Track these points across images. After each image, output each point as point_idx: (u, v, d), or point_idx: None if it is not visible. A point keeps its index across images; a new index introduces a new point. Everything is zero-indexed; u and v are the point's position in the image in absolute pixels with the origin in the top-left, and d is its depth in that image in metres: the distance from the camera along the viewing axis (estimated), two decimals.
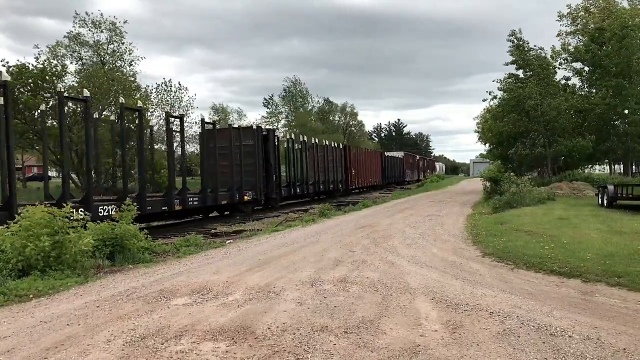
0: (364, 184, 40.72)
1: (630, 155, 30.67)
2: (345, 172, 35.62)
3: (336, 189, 33.32)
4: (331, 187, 32.27)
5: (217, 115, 65.60)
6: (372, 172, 43.08)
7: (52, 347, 4.88)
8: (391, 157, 54.94)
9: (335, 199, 31.25)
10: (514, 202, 18.43)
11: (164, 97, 38.80)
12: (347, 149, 37.15)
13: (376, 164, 45.51)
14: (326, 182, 31.48)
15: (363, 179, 40.13)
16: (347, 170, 35.93)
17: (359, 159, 39.91)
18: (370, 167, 42.68)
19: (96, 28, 36.36)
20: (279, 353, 4.59)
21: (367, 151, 45.30)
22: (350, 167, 36.46)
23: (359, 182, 39.10)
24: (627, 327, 5.17)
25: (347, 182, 35.94)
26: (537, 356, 4.42)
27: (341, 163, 34.86)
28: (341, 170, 34.67)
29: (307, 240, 12.00)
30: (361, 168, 39.85)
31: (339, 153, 34.85)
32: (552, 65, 30.31)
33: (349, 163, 36.40)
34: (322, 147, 31.73)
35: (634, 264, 7.73)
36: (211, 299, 6.56)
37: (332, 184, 32.49)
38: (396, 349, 4.63)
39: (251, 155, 22.35)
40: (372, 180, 43.24)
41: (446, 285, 7.07)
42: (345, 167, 35.74)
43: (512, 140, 29.68)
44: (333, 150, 33.42)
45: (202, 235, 13.86)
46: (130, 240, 9.92)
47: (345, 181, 35.74)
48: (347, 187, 35.95)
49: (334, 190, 32.97)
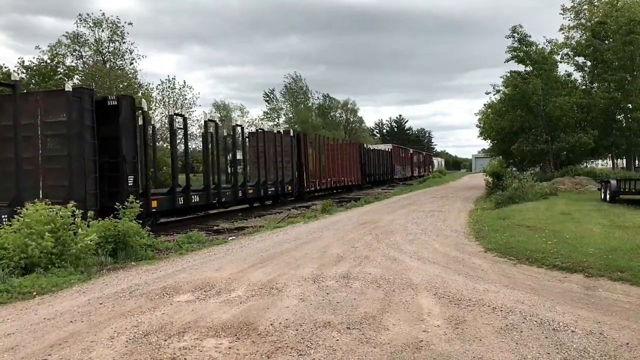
0: (333, 184, 32.11)
1: (633, 150, 30.56)
2: (299, 169, 27.20)
3: (282, 192, 24.48)
4: (271, 192, 23.27)
5: (219, 112, 65.56)
6: (345, 169, 34.97)
7: (55, 344, 4.90)
8: (374, 150, 45.83)
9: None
10: (516, 197, 18.41)
11: (167, 94, 38.89)
12: (300, 138, 28.29)
13: (352, 158, 37.01)
14: (264, 184, 22.51)
15: (330, 177, 31.50)
16: (301, 166, 27.51)
17: (324, 152, 31.50)
18: (343, 162, 34.52)
19: (97, 27, 36.46)
20: (282, 349, 4.60)
21: (338, 143, 35.93)
22: (306, 162, 28.01)
23: (322, 181, 30.31)
24: (630, 322, 5.17)
25: (301, 183, 27.33)
26: (540, 351, 4.42)
27: (291, 157, 26.20)
28: (291, 167, 26.04)
29: (309, 237, 12.01)
30: (329, 164, 31.81)
31: (289, 144, 26.07)
32: (554, 59, 30.17)
33: (303, 157, 27.74)
34: (259, 136, 23.66)
35: (637, 258, 7.72)
36: (214, 295, 6.58)
37: (276, 187, 23.71)
38: (399, 345, 4.64)
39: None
40: (347, 179, 34.99)
41: (448, 281, 7.07)
42: (300, 163, 27.40)
43: (514, 135, 29.63)
44: (277, 139, 24.65)
45: (205, 232, 13.87)
46: (132, 237, 9.94)
47: (300, 182, 27.14)
48: (301, 189, 27.31)
49: (281, 195, 24.59)
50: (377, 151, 45.88)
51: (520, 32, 29.47)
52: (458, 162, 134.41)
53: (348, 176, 35.35)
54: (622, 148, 30.62)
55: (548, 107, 27.65)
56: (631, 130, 28.99)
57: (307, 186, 28.06)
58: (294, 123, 65.11)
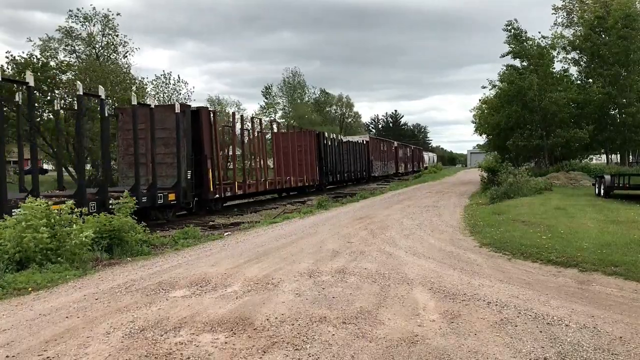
0: (269, 187, 23.59)
1: (627, 145, 30.72)
2: (197, 165, 17.58)
3: (153, 205, 15.03)
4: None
5: (214, 107, 65.37)
6: (294, 165, 26.94)
7: (51, 339, 4.89)
8: (345, 142, 37.06)
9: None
10: (511, 192, 18.47)
11: (161, 89, 38.70)
12: (201, 117, 17.90)
13: (304, 152, 28.36)
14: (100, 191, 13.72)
15: (263, 177, 22.73)
16: (200, 164, 17.75)
17: (253, 142, 22.94)
18: (288, 156, 26.60)
19: (88, 22, 36.27)
20: (278, 344, 4.61)
21: (280, 130, 28.02)
22: (213, 155, 18.48)
23: (247, 184, 21.62)
24: (624, 316, 5.21)
25: (203, 187, 17.87)
26: (535, 345, 4.45)
27: (179, 147, 16.31)
28: (179, 163, 16.37)
29: (305, 232, 12.02)
30: (262, 158, 22.95)
31: (173, 126, 16.43)
32: (551, 54, 30.24)
33: (207, 147, 17.94)
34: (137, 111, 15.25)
35: (631, 253, 7.78)
36: (210, 290, 6.58)
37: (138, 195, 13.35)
38: (394, 339, 4.66)
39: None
40: (295, 179, 26.64)
41: (444, 276, 7.10)
42: (197, 160, 17.62)
43: (509, 131, 29.71)
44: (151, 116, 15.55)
45: (200, 228, 13.86)
46: (128, 232, 9.91)
47: (199, 185, 17.73)
48: (204, 197, 18.05)
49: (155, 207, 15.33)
50: (347, 143, 37.32)
51: (516, 27, 29.54)
52: (453, 158, 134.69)
53: (298, 175, 27.03)
54: (617, 143, 30.77)
55: (544, 102, 27.73)
56: (626, 126, 29.13)
57: (215, 191, 18.37)
58: (292, 118, 64.97)
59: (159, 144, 16.47)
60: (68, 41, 36.06)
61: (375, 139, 49.53)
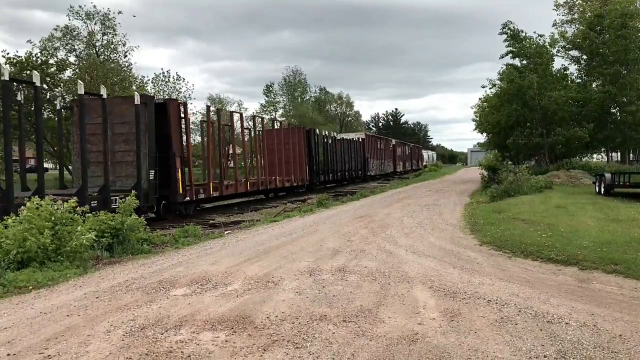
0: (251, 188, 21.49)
1: (628, 143, 30.73)
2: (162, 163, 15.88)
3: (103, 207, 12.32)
4: None
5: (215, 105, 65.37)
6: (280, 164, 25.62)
7: (52, 337, 4.90)
8: (338, 139, 35.74)
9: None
10: (511, 190, 18.47)
11: (161, 87, 38.70)
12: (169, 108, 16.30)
13: (293, 149, 26.99)
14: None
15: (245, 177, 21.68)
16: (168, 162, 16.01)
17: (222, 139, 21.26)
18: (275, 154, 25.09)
19: (89, 20, 36.22)
20: (278, 342, 4.62)
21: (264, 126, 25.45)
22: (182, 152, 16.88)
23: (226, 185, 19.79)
24: (624, 314, 5.22)
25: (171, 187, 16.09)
26: (535, 343, 4.46)
27: (138, 143, 14.73)
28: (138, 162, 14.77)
29: (306, 231, 12.03)
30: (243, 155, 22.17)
31: (132, 119, 14.83)
32: (550, 52, 30.23)
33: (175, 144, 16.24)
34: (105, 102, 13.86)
35: (631, 251, 7.78)
36: (210, 289, 6.59)
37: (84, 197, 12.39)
38: (395, 337, 4.67)
39: None
40: (283, 178, 25.30)
41: (444, 274, 7.11)
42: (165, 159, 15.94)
43: (510, 129, 29.71)
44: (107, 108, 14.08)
45: (201, 226, 13.86)
46: (128, 231, 9.91)
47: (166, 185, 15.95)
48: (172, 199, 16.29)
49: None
50: (341, 141, 35.89)
51: (514, 28, 29.51)
52: (454, 156, 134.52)
53: (285, 174, 25.72)
54: (617, 141, 30.78)
55: (543, 101, 27.73)
56: (626, 124, 29.13)
57: (186, 193, 16.71)
58: (292, 116, 64.92)
59: (119, 141, 15.30)
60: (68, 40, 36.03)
61: (371, 137, 48.00)
